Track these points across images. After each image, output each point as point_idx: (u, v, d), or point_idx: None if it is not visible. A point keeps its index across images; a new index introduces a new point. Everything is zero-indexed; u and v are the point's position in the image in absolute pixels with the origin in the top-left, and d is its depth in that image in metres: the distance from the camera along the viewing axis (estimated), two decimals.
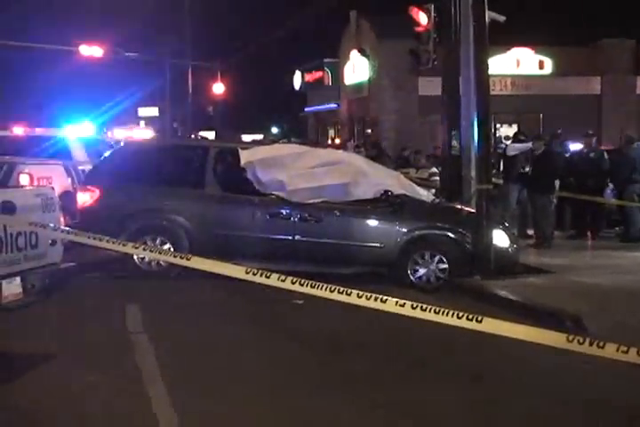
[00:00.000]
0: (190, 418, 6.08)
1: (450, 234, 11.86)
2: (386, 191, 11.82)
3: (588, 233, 16.41)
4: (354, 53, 37.21)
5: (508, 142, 18.20)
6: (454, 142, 14.11)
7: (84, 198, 12.34)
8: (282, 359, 7.78)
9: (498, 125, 33.39)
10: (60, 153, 16.44)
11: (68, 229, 7.79)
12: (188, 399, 6.46)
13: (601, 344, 4.62)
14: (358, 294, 5.29)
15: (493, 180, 12.91)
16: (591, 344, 4.63)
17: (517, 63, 33.99)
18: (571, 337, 4.73)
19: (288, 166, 12.06)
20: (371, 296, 5.27)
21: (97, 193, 12.25)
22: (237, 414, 6.24)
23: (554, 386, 7.01)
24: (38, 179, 15.54)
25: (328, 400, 6.56)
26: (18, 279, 6.99)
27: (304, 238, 11.83)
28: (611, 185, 16.74)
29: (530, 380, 7.20)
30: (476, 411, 6.39)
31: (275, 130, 62.76)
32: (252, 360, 7.76)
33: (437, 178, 16.24)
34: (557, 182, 15.64)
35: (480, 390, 6.89)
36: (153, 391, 6.63)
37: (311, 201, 11.81)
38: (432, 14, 14.54)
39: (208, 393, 6.65)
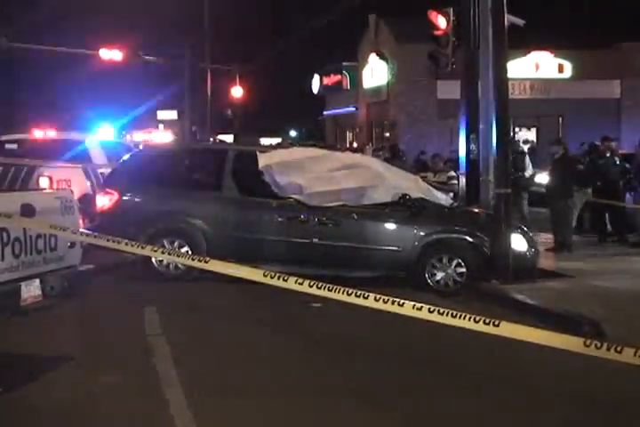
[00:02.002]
0: (207, 420, 6.09)
1: (468, 238, 11.83)
2: (404, 195, 11.81)
3: (607, 238, 16.34)
4: (372, 57, 37.24)
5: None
6: (473, 146, 14.08)
7: (103, 201, 12.39)
8: (298, 363, 7.79)
9: (517, 129, 33.34)
10: (80, 156, 16.52)
11: (86, 231, 7.83)
12: (205, 401, 6.48)
13: (619, 349, 4.60)
14: (375, 297, 5.28)
15: None
16: (609, 349, 4.61)
17: (537, 67, 33.92)
18: (588, 342, 4.71)
19: (306, 170, 12.07)
20: (388, 300, 5.26)
21: (116, 196, 12.30)
22: (253, 416, 6.25)
23: (574, 390, 6.99)
24: (58, 182, 15.64)
25: (342, 404, 6.55)
26: (37, 282, 7.02)
27: (322, 242, 11.83)
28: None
29: (547, 383, 7.18)
30: (492, 416, 6.37)
31: (293, 133, 62.82)
32: (269, 363, 7.76)
33: (456, 182, 16.20)
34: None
35: (497, 394, 6.86)
36: (170, 393, 6.65)
37: (329, 204, 11.81)
38: (451, 18, 14.51)
39: (225, 395, 6.67)
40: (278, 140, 42.94)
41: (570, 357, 5.13)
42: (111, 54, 35.76)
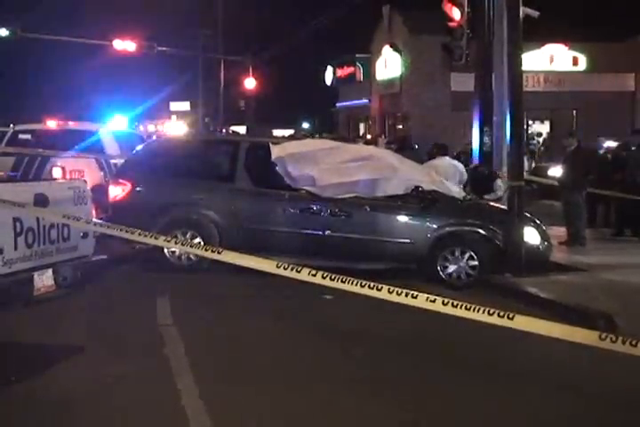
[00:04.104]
0: (218, 409, 6.10)
1: (480, 231, 11.79)
2: (417, 187, 11.78)
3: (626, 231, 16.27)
4: (386, 49, 37.17)
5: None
6: (486, 139, 14.03)
7: (116, 192, 12.39)
8: (310, 354, 7.78)
9: (530, 122, 33.25)
10: (93, 147, 16.54)
11: (99, 221, 7.84)
12: (217, 391, 6.48)
13: (633, 342, 4.58)
14: (389, 289, 5.26)
15: None
16: (624, 342, 4.59)
17: (551, 59, 33.82)
18: (603, 335, 4.69)
19: (319, 161, 12.05)
20: (401, 292, 5.24)
21: (128, 187, 12.31)
22: (264, 405, 6.25)
23: (589, 384, 6.98)
24: (71, 172, 15.70)
25: (354, 395, 6.54)
26: (50, 271, 7.04)
27: (334, 234, 11.81)
28: None
29: (550, 373, 7.17)
30: (505, 410, 6.36)
31: (305, 125, 62.74)
32: (280, 354, 7.76)
33: None
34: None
35: (511, 388, 6.85)
36: (181, 383, 6.66)
37: (342, 196, 11.79)
38: (466, 9, 14.45)
39: (236, 385, 6.67)
40: (291, 131, 42.91)
41: (576, 349, 5.11)
42: (124, 45, 35.82)
